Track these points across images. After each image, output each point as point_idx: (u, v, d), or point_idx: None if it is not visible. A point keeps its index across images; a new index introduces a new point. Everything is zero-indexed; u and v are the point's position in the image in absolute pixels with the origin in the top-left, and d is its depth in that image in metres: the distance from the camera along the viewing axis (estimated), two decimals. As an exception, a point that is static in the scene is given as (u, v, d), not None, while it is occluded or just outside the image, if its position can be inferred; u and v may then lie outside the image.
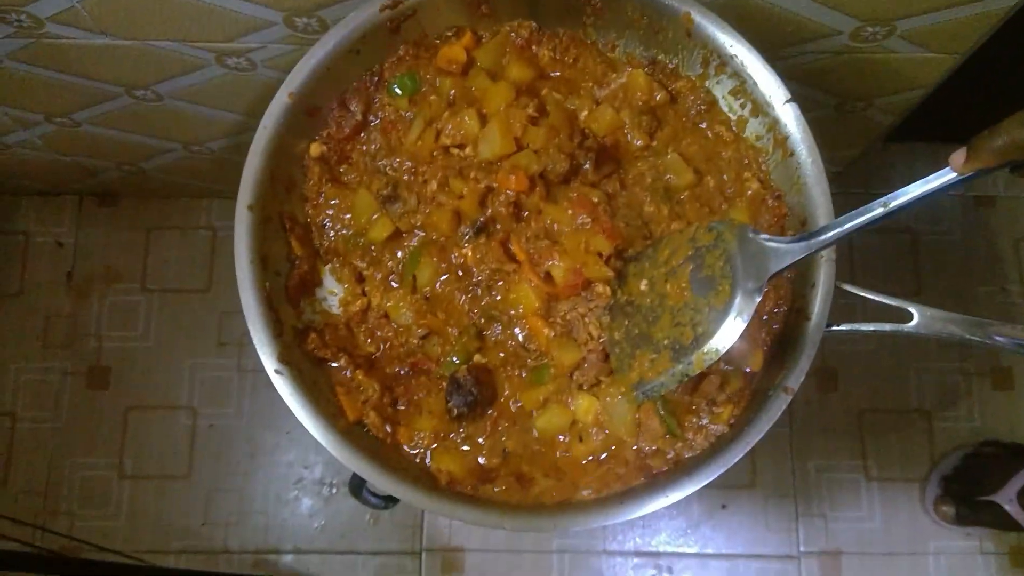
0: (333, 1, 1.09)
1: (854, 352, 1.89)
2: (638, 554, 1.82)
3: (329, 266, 1.01)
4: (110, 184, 1.90)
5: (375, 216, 0.98)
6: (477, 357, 0.95)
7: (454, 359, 0.95)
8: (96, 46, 1.22)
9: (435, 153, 0.98)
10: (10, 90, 1.38)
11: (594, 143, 0.96)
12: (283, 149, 0.96)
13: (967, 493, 1.75)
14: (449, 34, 1.02)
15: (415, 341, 0.97)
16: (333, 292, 1.01)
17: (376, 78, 1.01)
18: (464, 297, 0.95)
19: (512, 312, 0.94)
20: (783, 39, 1.17)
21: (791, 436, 1.86)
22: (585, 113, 1.00)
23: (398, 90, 1.00)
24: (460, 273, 0.96)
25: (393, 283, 0.99)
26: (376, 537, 1.83)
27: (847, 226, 0.78)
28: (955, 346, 1.89)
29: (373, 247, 0.99)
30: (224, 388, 1.89)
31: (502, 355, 0.96)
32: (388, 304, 0.97)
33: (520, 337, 0.95)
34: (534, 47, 1.02)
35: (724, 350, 0.80)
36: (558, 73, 1.04)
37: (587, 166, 0.95)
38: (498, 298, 0.95)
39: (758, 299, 0.79)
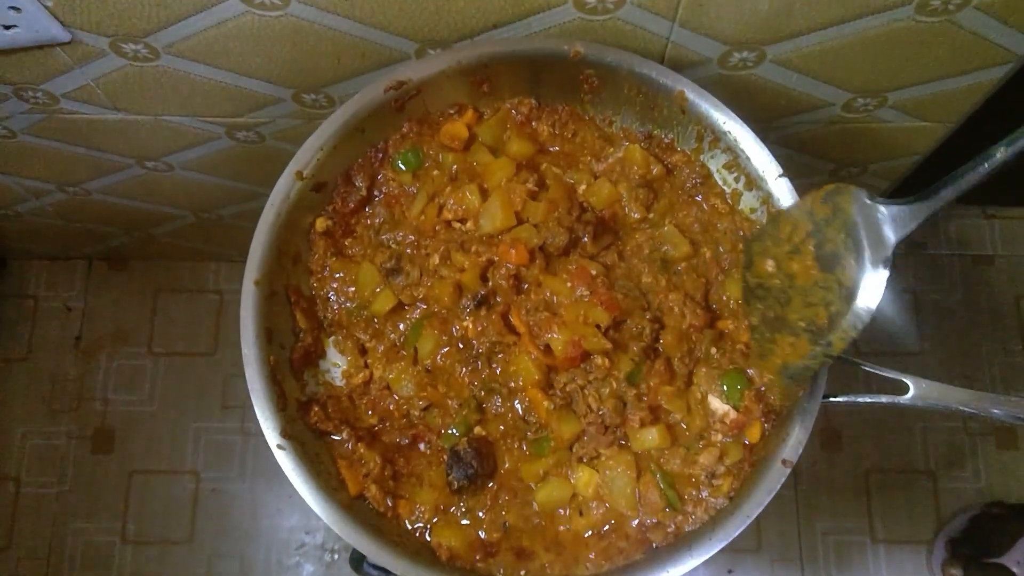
0: (339, 79, 1.13)
1: (858, 413, 1.89)
2: (644, 620, 1.79)
3: (333, 338, 1.02)
4: (119, 248, 1.93)
5: (378, 289, 1.00)
6: (477, 429, 0.96)
7: (454, 431, 0.95)
8: (109, 121, 1.26)
9: (437, 227, 1.00)
10: (23, 161, 1.42)
11: (592, 216, 0.98)
12: (290, 224, 0.98)
13: (975, 555, 1.73)
14: (451, 112, 1.05)
15: (416, 413, 0.98)
16: (336, 364, 1.02)
17: (380, 154, 1.03)
18: (464, 369, 0.97)
19: (512, 384, 0.95)
20: (777, 112, 1.20)
21: (796, 498, 1.85)
22: (584, 187, 1.02)
23: (402, 165, 1.03)
24: (461, 345, 0.97)
25: (396, 354, 1.00)
26: (379, 603, 1.81)
27: (968, 176, 0.73)
28: (958, 406, 1.89)
29: (376, 319, 1.01)
30: (227, 451, 1.89)
31: (502, 427, 0.96)
32: (390, 376, 0.98)
33: (520, 409, 0.96)
34: (534, 123, 1.05)
35: (860, 328, 0.77)
36: (557, 148, 1.06)
37: (586, 239, 0.97)
38: (498, 370, 0.96)
39: (886, 272, 0.76)
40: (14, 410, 1.92)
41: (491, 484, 0.95)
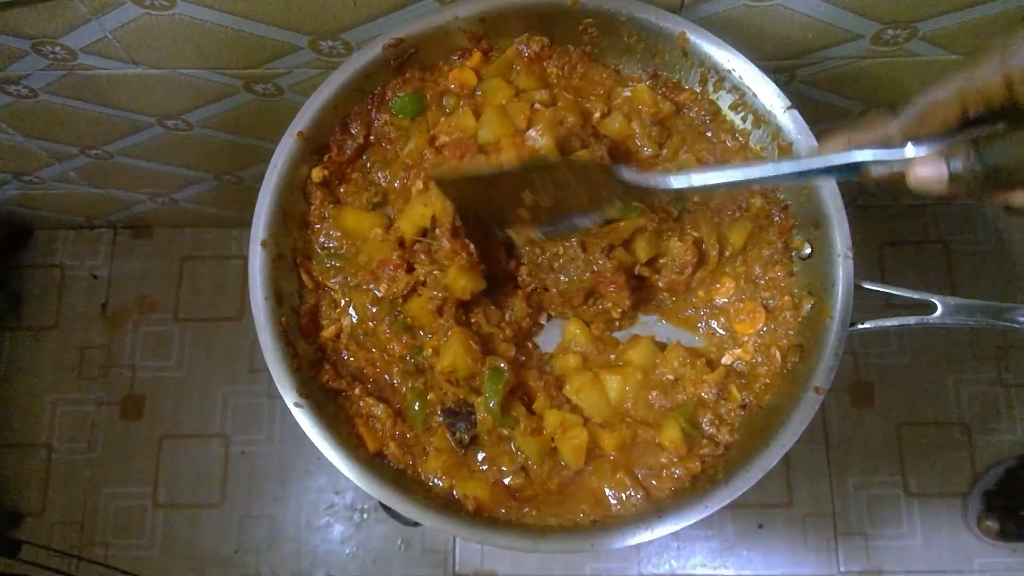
0: (356, 23, 1.11)
1: (889, 365, 1.86)
2: (674, 576, 1.79)
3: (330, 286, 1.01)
4: (143, 216, 1.94)
5: (372, 232, 0.98)
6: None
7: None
8: (128, 76, 1.25)
9: (427, 153, 0.98)
10: (46, 123, 1.42)
11: (608, 141, 0.96)
12: (294, 186, 0.98)
13: (1012, 508, 1.71)
14: (455, 58, 1.02)
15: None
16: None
17: (377, 100, 1.01)
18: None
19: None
20: (806, 46, 1.17)
21: (828, 453, 1.82)
22: (597, 115, 1.00)
23: (397, 111, 1.01)
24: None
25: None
26: (408, 563, 1.81)
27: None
28: (992, 357, 1.86)
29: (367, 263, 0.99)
30: (256, 415, 1.90)
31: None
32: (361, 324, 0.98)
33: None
34: (544, 62, 1.03)
35: None
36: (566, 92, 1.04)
37: (601, 152, 0.95)
38: None
39: None
40: (44, 378, 1.94)
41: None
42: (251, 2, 1.07)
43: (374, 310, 0.96)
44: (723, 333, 0.99)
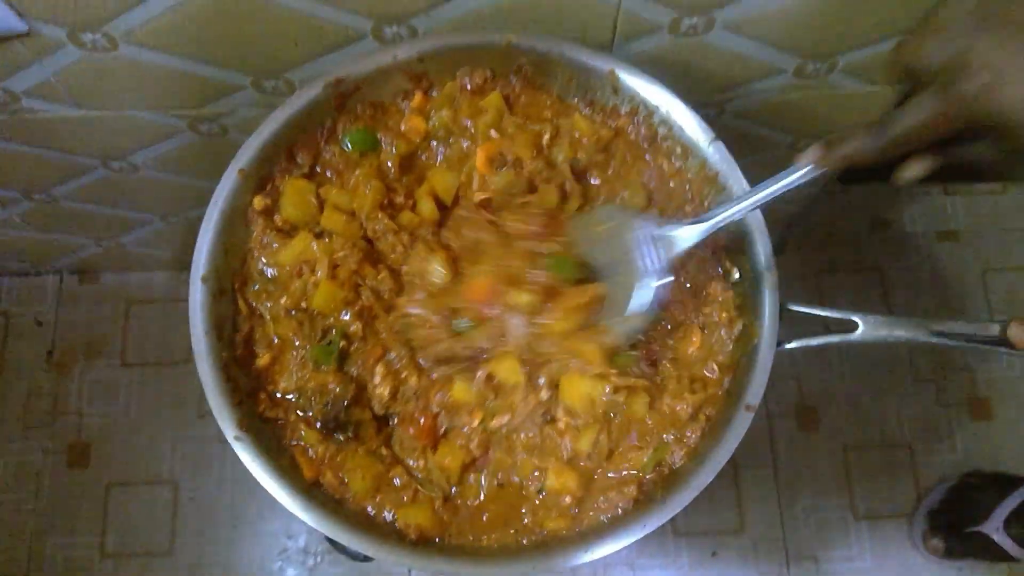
0: (298, 63, 1.14)
1: (833, 390, 1.91)
2: (631, 607, 1.79)
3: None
4: (89, 260, 1.92)
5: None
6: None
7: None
8: (72, 118, 1.26)
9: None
10: (-12, 168, 1.42)
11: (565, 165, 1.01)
12: (235, 223, 0.99)
13: (956, 525, 1.74)
14: (400, 100, 1.05)
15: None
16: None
17: (327, 132, 1.03)
18: None
19: None
20: (732, 80, 1.22)
21: (776, 478, 1.85)
22: (547, 137, 1.03)
23: (348, 145, 1.02)
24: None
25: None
26: (364, 604, 1.79)
27: (733, 209, 0.85)
28: (931, 378, 1.91)
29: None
30: (205, 460, 1.88)
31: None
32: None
33: None
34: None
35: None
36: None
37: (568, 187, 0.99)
38: None
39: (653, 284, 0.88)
40: (-13, 427, 1.90)
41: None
42: (193, 43, 1.09)
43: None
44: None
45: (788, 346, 0.93)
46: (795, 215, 1.74)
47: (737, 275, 1.00)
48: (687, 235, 0.88)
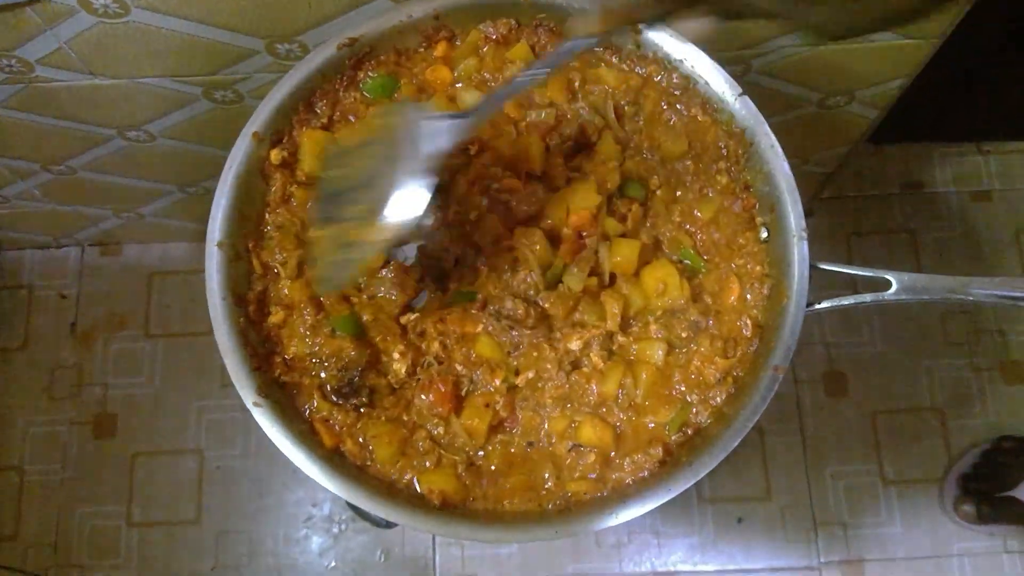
0: (312, 25, 1.11)
1: (861, 354, 1.88)
2: (655, 575, 1.78)
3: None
4: (111, 232, 1.93)
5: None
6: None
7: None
8: (86, 87, 1.25)
9: None
10: (6, 140, 1.41)
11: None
12: (250, 186, 0.97)
13: (987, 491, 1.72)
14: (422, 48, 1.03)
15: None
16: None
17: (347, 80, 1.01)
18: None
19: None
20: (757, 35, 1.18)
21: (804, 444, 1.83)
22: (577, 83, 1.00)
23: (369, 93, 1.00)
24: None
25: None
26: (388, 572, 1.80)
27: (500, 92, 0.84)
28: (963, 342, 1.88)
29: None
30: (230, 429, 1.89)
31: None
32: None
33: None
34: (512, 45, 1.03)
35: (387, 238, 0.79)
36: None
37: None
38: None
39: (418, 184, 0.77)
40: (14, 400, 1.92)
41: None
42: (206, 7, 1.07)
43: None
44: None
45: (819, 306, 0.90)
46: (826, 176, 1.70)
47: (765, 234, 0.97)
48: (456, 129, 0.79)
